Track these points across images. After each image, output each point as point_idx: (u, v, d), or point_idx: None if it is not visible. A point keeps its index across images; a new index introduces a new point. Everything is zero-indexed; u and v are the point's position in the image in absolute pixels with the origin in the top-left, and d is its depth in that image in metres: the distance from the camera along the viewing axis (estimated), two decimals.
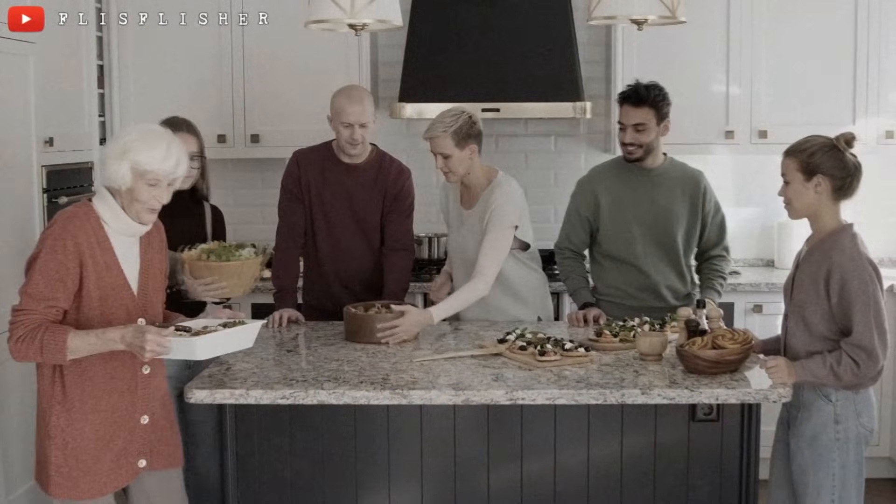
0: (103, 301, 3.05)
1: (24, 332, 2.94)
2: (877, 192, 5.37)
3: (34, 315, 2.95)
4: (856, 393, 3.21)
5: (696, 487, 3.32)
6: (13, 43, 4.12)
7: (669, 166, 4.17)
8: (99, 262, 3.02)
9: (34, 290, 2.96)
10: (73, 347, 2.93)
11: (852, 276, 3.14)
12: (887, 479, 5.11)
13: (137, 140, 3.03)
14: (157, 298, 3.23)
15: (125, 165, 3.00)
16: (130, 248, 3.13)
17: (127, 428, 3.12)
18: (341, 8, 3.16)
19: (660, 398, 3.06)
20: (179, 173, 3.08)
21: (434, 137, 3.93)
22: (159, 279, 3.26)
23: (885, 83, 5.18)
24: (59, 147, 4.53)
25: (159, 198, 3.06)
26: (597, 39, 5.54)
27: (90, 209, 3.07)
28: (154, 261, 3.22)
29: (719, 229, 4.22)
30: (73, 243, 2.97)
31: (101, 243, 3.04)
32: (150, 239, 3.22)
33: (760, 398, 3.09)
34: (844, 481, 3.23)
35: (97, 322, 3.03)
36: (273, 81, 5.27)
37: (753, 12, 5.18)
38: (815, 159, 3.20)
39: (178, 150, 3.07)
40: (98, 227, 3.04)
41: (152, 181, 3.02)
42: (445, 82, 5.13)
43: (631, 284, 4.16)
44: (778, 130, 5.03)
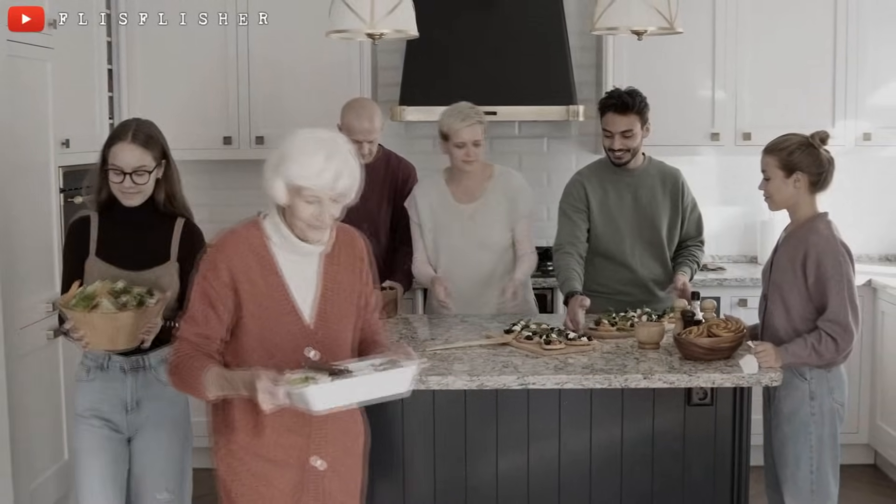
0: (264, 330, 2.72)
1: (175, 361, 2.73)
2: (854, 191, 5.61)
3: (187, 344, 2.71)
4: (828, 371, 3.47)
5: (691, 468, 3.53)
6: (33, 48, 4.26)
7: (649, 166, 4.35)
8: (258, 287, 2.71)
9: (189, 315, 2.73)
10: (208, 385, 2.64)
11: (827, 256, 3.41)
12: (866, 465, 5.34)
13: (292, 151, 2.66)
14: (342, 327, 2.82)
15: (279, 181, 2.66)
16: (305, 269, 2.78)
17: (296, 472, 2.78)
18: (361, 19, 3.35)
19: (661, 382, 3.28)
20: (341, 188, 2.65)
21: (473, 125, 4.18)
22: (348, 305, 2.84)
23: (862, 87, 5.42)
24: (75, 148, 4.69)
25: (320, 217, 2.68)
26: (587, 45, 5.75)
27: (254, 226, 2.77)
28: (343, 283, 2.82)
29: (697, 224, 4.41)
30: (225, 267, 2.69)
31: (263, 264, 2.72)
32: (339, 257, 2.83)
33: (753, 382, 3.32)
34: (821, 453, 3.48)
35: (257, 354, 2.71)
36: (278, 84, 5.42)
37: (738, 21, 5.41)
38: (795, 157, 3.47)
39: (339, 163, 2.65)
40: (261, 246, 2.73)
41: (310, 198, 2.65)
42: (444, 87, 5.30)
43: (620, 280, 4.33)
44: (761, 133, 5.16)
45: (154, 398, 3.38)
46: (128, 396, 3.37)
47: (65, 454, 4.60)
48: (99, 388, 3.37)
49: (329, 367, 2.60)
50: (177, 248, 3.38)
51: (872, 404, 5.27)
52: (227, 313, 2.70)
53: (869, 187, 5.75)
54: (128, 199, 3.31)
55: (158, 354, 3.34)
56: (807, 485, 3.50)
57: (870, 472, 5.32)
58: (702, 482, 3.52)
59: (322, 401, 2.52)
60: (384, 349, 2.82)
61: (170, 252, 3.37)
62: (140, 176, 3.29)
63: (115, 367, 3.36)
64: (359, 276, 2.87)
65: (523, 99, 5.33)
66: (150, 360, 3.37)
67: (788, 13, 5.41)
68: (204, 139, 5.47)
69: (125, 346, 3.21)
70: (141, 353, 3.32)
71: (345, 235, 2.88)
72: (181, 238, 3.39)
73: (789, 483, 3.53)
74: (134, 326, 3.15)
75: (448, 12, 5.35)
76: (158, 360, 3.34)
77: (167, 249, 3.37)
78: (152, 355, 3.35)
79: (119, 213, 3.36)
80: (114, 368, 3.36)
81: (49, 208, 4.50)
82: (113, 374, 3.36)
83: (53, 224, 4.51)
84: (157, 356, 3.35)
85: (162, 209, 3.39)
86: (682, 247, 4.40)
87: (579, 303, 3.92)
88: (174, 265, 3.37)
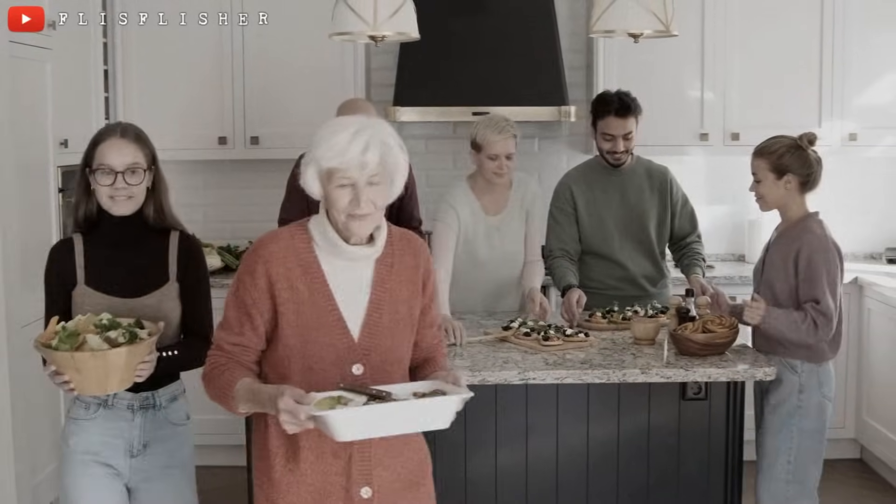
0: (304, 341, 2.44)
1: (208, 369, 2.51)
2: (840, 191, 5.70)
3: (221, 352, 2.49)
4: (819, 365, 3.57)
5: (686, 462, 3.60)
6: (32, 49, 4.31)
7: (637, 165, 4.43)
8: (300, 294, 2.44)
9: (224, 322, 2.50)
10: (238, 399, 2.40)
11: (818, 254, 3.51)
12: (853, 460, 5.44)
13: (320, 134, 2.42)
14: (395, 343, 2.51)
15: (311, 169, 2.42)
16: (355, 276, 2.49)
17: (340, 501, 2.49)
18: (364, 21, 3.41)
19: (658, 377, 3.36)
20: (371, 163, 2.36)
21: (508, 138, 4.13)
22: (403, 318, 2.53)
23: (848, 89, 5.51)
24: (73, 148, 4.72)
25: (358, 202, 2.39)
26: (577, 46, 5.82)
27: (299, 228, 2.51)
28: (398, 293, 2.52)
29: (690, 218, 4.48)
30: (263, 271, 2.44)
31: (307, 269, 2.46)
32: (395, 263, 2.53)
33: (748, 376, 3.41)
34: (801, 446, 3.57)
35: (295, 368, 2.45)
36: (272, 85, 5.47)
37: (727, 23, 5.49)
38: (785, 160, 3.55)
39: (367, 136, 2.37)
40: (306, 249, 2.46)
41: (343, 181, 2.37)
42: (438, 88, 5.38)
43: (611, 277, 4.40)
44: (749, 133, 5.25)
45: (164, 440, 2.98)
46: (134, 439, 2.94)
47: None
48: (101, 429, 2.92)
49: (367, 390, 2.33)
50: (175, 266, 2.97)
51: (859, 399, 5.36)
52: (264, 322, 2.46)
53: (855, 187, 5.84)
54: (118, 206, 2.89)
55: (170, 391, 3.01)
56: (782, 475, 3.58)
57: (856, 466, 5.41)
58: (696, 475, 3.60)
59: (348, 429, 2.24)
60: (440, 370, 2.55)
61: (168, 272, 2.96)
62: (133, 175, 2.88)
63: (121, 404, 2.93)
64: (417, 286, 2.55)
65: (515, 100, 5.39)
66: (160, 399, 2.98)
67: (776, 16, 5.50)
68: (199, 139, 5.51)
69: (117, 389, 2.76)
70: (151, 389, 2.93)
71: (403, 240, 2.58)
72: (179, 254, 2.99)
73: (765, 473, 3.62)
74: (127, 365, 2.70)
75: (441, 14, 5.41)
76: (170, 397, 3.00)
77: (164, 269, 2.96)
78: (163, 392, 2.98)
79: (105, 231, 2.95)
80: (120, 406, 2.93)
81: (48, 208, 4.55)
82: (119, 412, 2.93)
83: (52, 223, 4.57)
84: (168, 393, 3.00)
85: (151, 223, 2.98)
86: (682, 246, 4.47)
87: (576, 296, 4.04)
88: (174, 286, 2.96)
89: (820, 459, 3.62)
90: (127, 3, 5.36)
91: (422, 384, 2.43)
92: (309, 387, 2.34)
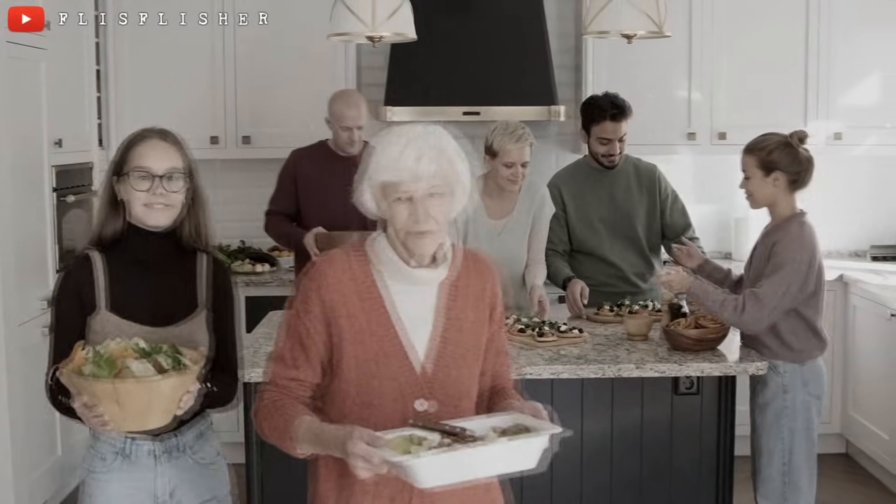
0: (363, 374, 2.23)
1: (263, 407, 2.28)
2: (826, 189, 5.74)
3: (276, 388, 2.28)
4: (802, 364, 3.59)
5: (678, 455, 3.66)
6: (26, 49, 4.33)
7: (625, 164, 4.51)
8: (358, 322, 2.23)
9: (278, 354, 2.30)
10: (298, 439, 2.16)
11: (788, 250, 3.50)
12: (839, 455, 5.51)
13: (375, 147, 2.22)
14: (463, 374, 2.29)
15: (365, 185, 2.24)
16: (419, 302, 2.28)
17: None
18: (363, 22, 3.45)
19: (652, 371, 3.41)
20: (426, 174, 2.14)
21: (524, 146, 4.09)
22: (472, 347, 2.32)
23: (833, 89, 5.59)
24: (67, 148, 4.75)
25: (416, 217, 2.17)
26: (566, 47, 5.88)
27: (357, 249, 2.31)
28: (467, 320, 2.31)
29: (682, 214, 4.56)
30: (317, 298, 2.23)
31: (365, 296, 2.25)
32: (464, 288, 2.31)
33: (740, 371, 3.47)
34: (793, 445, 3.60)
35: (353, 403, 2.24)
36: (264, 84, 5.49)
37: (714, 23, 5.56)
38: (773, 157, 3.55)
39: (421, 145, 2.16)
40: (365, 273, 2.26)
41: (399, 195, 2.17)
42: (429, 87, 5.42)
43: (602, 273, 4.46)
44: (736, 132, 5.30)
45: (193, 482, 2.66)
46: (158, 489, 2.61)
47: (58, 450, 4.66)
48: (121, 485, 2.59)
49: (441, 427, 2.09)
50: (205, 291, 2.64)
51: (844, 395, 5.44)
52: (319, 354, 2.25)
53: (840, 185, 5.91)
54: (154, 215, 2.55)
55: (195, 430, 2.66)
56: (779, 476, 3.62)
57: (842, 460, 5.48)
58: (688, 469, 3.66)
59: (431, 475, 1.99)
60: (511, 400, 2.32)
61: (198, 298, 2.63)
62: (173, 182, 2.54)
63: (141, 452, 2.59)
64: (484, 312, 2.34)
65: (505, 99, 5.44)
66: (185, 440, 2.63)
67: (762, 17, 5.57)
68: (190, 139, 5.32)
69: (158, 424, 2.39)
70: (173, 430, 2.59)
71: (470, 260, 2.36)
72: (210, 279, 2.65)
73: (763, 474, 3.66)
74: (172, 396, 2.35)
75: (432, 14, 5.44)
76: (195, 436, 2.66)
77: (194, 295, 2.63)
78: (187, 432, 2.63)
79: (132, 248, 2.59)
80: (140, 454, 2.59)
81: (43, 207, 4.56)
82: (139, 461, 2.59)
83: (47, 223, 4.59)
84: (193, 432, 2.65)
85: (185, 242, 2.64)
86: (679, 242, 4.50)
87: (579, 288, 4.16)
88: (205, 315, 2.63)
89: (813, 457, 3.65)
90: (120, 3, 5.36)
91: (500, 419, 2.17)
92: (367, 425, 2.10)
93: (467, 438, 2.05)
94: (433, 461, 1.97)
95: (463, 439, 2.04)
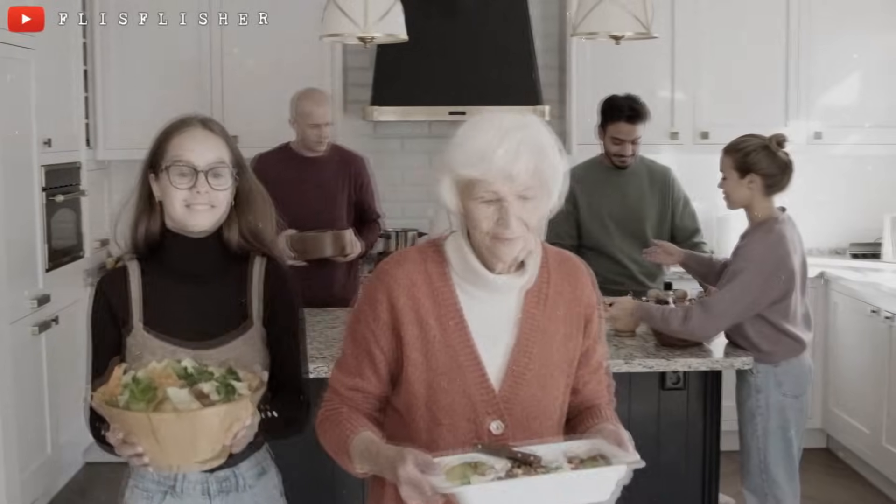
0: (433, 388, 2.00)
1: (322, 416, 2.08)
2: (805, 188, 5.82)
3: (337, 398, 2.07)
4: (775, 366, 3.61)
5: (665, 450, 3.70)
6: (16, 49, 4.34)
7: (639, 165, 4.58)
8: (430, 331, 1.99)
9: (342, 361, 2.09)
10: (355, 456, 1.97)
11: (746, 259, 3.51)
12: (820, 450, 5.58)
13: (459, 134, 1.95)
14: (545, 393, 2.04)
15: (447, 178, 1.96)
16: (500, 310, 2.02)
17: None
18: (355, 23, 3.49)
19: (641, 367, 3.47)
20: (522, 174, 1.88)
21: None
22: (558, 362, 2.05)
23: (813, 89, 5.68)
24: (56, 147, 4.76)
25: (505, 222, 1.91)
26: (550, 47, 5.93)
27: (433, 249, 2.07)
28: (552, 331, 2.04)
29: (692, 218, 4.63)
30: (386, 302, 2.00)
31: (440, 301, 2.01)
32: (550, 294, 2.06)
33: (726, 366, 3.53)
34: (767, 444, 3.65)
35: (422, 421, 2.01)
36: (250, 84, 5.51)
37: (696, 24, 5.62)
38: (750, 159, 3.56)
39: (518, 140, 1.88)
40: (440, 275, 2.02)
41: (486, 195, 1.90)
42: (414, 87, 5.46)
43: (610, 271, 4.48)
44: (718, 132, 5.35)
45: None
46: None
47: (48, 448, 4.67)
48: None
49: (509, 452, 1.86)
50: (260, 303, 2.26)
51: (825, 390, 5.51)
52: (387, 363, 2.03)
53: (821, 184, 5.98)
54: (196, 216, 2.19)
55: (255, 465, 2.31)
56: (757, 472, 3.68)
57: (823, 455, 5.55)
58: (675, 463, 3.70)
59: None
60: (603, 423, 2.03)
61: (250, 311, 2.25)
62: (218, 177, 2.18)
63: (193, 489, 2.24)
64: (576, 324, 2.07)
65: (490, 99, 5.47)
66: (244, 477, 2.28)
67: (743, 18, 5.65)
68: None
69: (206, 464, 2.02)
70: (231, 464, 2.20)
71: (559, 264, 2.10)
72: (265, 287, 2.27)
73: (743, 467, 3.73)
74: (221, 430, 1.96)
75: (418, 15, 5.46)
76: (256, 472, 2.31)
77: (246, 308, 2.26)
78: (246, 468, 2.28)
79: (172, 256, 2.25)
80: (192, 492, 2.24)
81: (32, 206, 4.58)
82: (191, 499, 2.25)
83: (37, 222, 4.61)
84: (253, 467, 2.30)
85: (234, 248, 2.27)
86: (689, 246, 4.51)
87: None
88: (259, 331, 2.26)
89: (790, 456, 3.68)
90: (106, 3, 5.39)
91: (578, 444, 1.92)
92: (435, 445, 1.93)
93: (536, 466, 1.83)
94: (487, 491, 1.78)
95: (531, 466, 1.83)
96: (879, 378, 4.97)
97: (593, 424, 2.04)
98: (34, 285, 4.50)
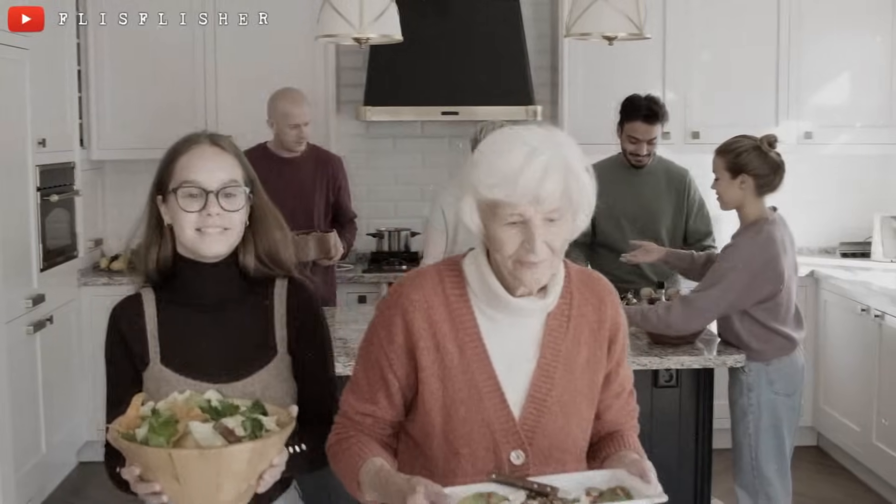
0: (449, 416, 1.90)
1: (333, 441, 1.98)
2: (796, 188, 5.86)
3: (349, 422, 1.97)
4: (767, 364, 3.64)
5: (658, 447, 3.71)
6: (11, 49, 4.34)
7: (657, 165, 4.61)
8: (448, 355, 1.89)
9: (354, 384, 1.98)
10: (364, 484, 1.88)
11: (733, 259, 3.55)
12: (810, 447, 5.62)
13: (482, 150, 1.85)
14: (568, 421, 1.93)
15: (469, 198, 1.86)
16: (521, 335, 1.92)
17: None
18: (350, 24, 3.51)
19: (633, 364, 3.45)
20: (550, 197, 1.78)
21: None
22: (582, 389, 1.95)
23: (803, 89, 5.71)
24: (51, 147, 4.77)
25: (531, 246, 1.80)
26: (542, 47, 5.95)
27: (451, 269, 1.95)
28: (576, 356, 1.94)
29: (706, 221, 4.65)
30: (402, 324, 1.90)
31: (458, 324, 1.90)
32: (574, 318, 1.96)
33: (719, 363, 3.56)
34: (758, 442, 3.68)
35: (439, 448, 1.91)
36: (244, 85, 5.50)
37: (688, 25, 5.65)
38: (741, 160, 3.58)
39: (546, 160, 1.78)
40: (459, 297, 1.91)
41: (511, 218, 1.80)
42: (407, 88, 5.48)
43: (622, 269, 4.47)
44: (709, 132, 5.42)
45: None
46: None
47: (42, 448, 4.68)
48: None
49: (526, 484, 1.79)
50: (284, 330, 2.12)
51: (816, 388, 5.54)
52: (401, 389, 1.93)
53: (811, 183, 6.01)
54: (208, 242, 2.04)
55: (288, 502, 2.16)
56: (749, 470, 3.71)
57: (813, 452, 5.59)
58: (668, 460, 3.70)
59: None
60: (626, 452, 1.98)
61: (274, 339, 2.11)
62: (231, 198, 2.04)
63: None
64: (600, 347, 1.97)
65: (483, 99, 5.51)
66: None
67: (734, 18, 5.68)
68: (170, 139, 5.38)
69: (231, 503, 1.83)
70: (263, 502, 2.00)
71: (582, 284, 2.00)
72: (289, 312, 2.13)
73: (735, 464, 3.76)
74: (248, 469, 1.80)
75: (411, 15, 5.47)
76: None
77: (270, 337, 2.10)
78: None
79: (181, 285, 2.10)
80: None
81: (27, 206, 4.58)
82: None
83: (31, 222, 4.61)
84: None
85: (254, 273, 2.12)
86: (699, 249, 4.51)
87: None
88: (284, 360, 2.12)
89: (781, 454, 3.72)
90: (100, 3, 5.39)
91: (599, 475, 1.85)
92: (453, 475, 1.86)
93: (553, 498, 1.75)
94: None
95: (547, 498, 1.75)
96: (869, 376, 5.01)
97: (615, 451, 1.99)
98: (28, 285, 4.51)
